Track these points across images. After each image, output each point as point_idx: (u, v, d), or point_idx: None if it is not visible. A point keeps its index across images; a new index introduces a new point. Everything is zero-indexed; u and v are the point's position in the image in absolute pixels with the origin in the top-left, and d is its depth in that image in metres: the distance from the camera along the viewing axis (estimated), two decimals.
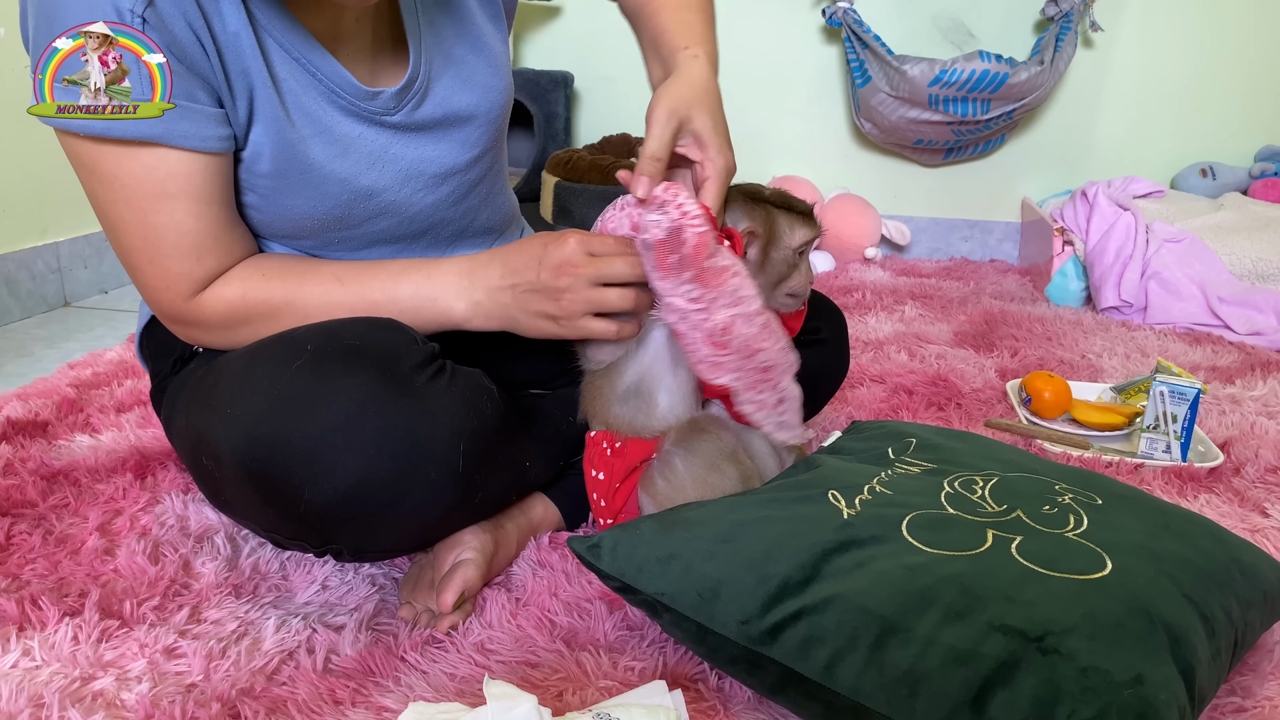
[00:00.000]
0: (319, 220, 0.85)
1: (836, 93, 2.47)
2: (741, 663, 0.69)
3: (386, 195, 0.87)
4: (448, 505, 0.79)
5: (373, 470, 0.73)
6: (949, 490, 0.81)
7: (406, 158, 0.88)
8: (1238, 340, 1.77)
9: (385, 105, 0.85)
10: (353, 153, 0.84)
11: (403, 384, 0.75)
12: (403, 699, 0.72)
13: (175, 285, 0.81)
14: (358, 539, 0.80)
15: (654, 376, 0.89)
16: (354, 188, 0.85)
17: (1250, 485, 1.13)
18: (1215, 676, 0.66)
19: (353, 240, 0.89)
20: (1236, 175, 2.29)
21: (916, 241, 2.55)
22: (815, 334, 1.03)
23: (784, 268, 0.88)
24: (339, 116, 0.84)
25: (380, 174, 0.86)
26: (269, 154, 0.80)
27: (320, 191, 0.84)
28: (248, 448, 0.73)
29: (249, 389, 0.75)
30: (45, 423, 1.23)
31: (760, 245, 0.87)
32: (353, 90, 0.83)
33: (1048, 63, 2.17)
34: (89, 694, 0.71)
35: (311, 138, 0.82)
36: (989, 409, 1.38)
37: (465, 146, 0.92)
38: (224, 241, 0.82)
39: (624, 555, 0.76)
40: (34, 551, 0.91)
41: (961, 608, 0.65)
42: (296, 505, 0.73)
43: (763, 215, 0.87)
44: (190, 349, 0.93)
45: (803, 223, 0.89)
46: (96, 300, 1.97)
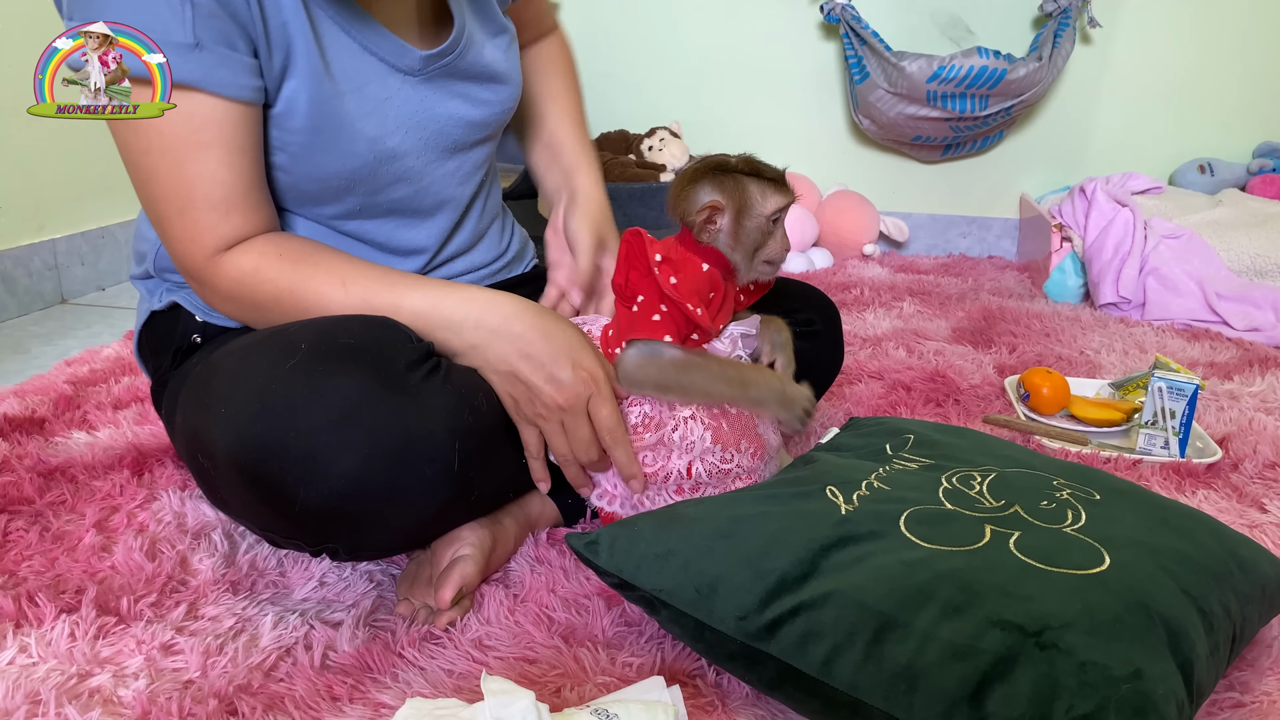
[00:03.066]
0: (345, 179, 0.87)
1: (834, 89, 2.47)
2: (739, 659, 0.69)
3: (408, 160, 0.90)
4: (443, 503, 0.79)
5: (368, 469, 0.73)
6: (947, 486, 0.81)
7: (435, 117, 0.91)
8: (1236, 336, 1.76)
9: (425, 62, 0.89)
10: (383, 112, 0.87)
11: (397, 382, 0.75)
12: (400, 695, 0.72)
13: (201, 239, 0.81)
14: (354, 538, 0.80)
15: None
16: (380, 148, 0.87)
17: (1248, 481, 1.13)
18: (1214, 671, 0.66)
19: (373, 208, 0.91)
20: (1235, 171, 2.29)
21: (915, 238, 2.55)
22: (808, 326, 1.04)
23: (759, 236, 0.88)
24: (374, 74, 0.86)
25: (406, 137, 0.89)
26: (304, 108, 0.82)
27: (349, 149, 0.85)
28: (242, 448, 0.72)
29: (243, 388, 0.74)
30: (42, 419, 1.23)
31: (732, 216, 0.87)
32: (393, 47, 0.86)
33: (1046, 59, 2.17)
34: (86, 691, 0.71)
35: (347, 93, 0.84)
36: (987, 405, 1.38)
37: (489, 107, 0.96)
38: (252, 200, 0.82)
39: (622, 552, 0.76)
40: (31, 548, 0.91)
41: (959, 603, 0.65)
42: (292, 505, 0.73)
43: (732, 185, 0.87)
44: (189, 340, 0.93)
45: (774, 189, 0.88)
46: (94, 297, 1.96)
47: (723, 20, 2.46)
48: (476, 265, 1.04)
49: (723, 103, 2.50)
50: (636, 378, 0.85)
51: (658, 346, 0.85)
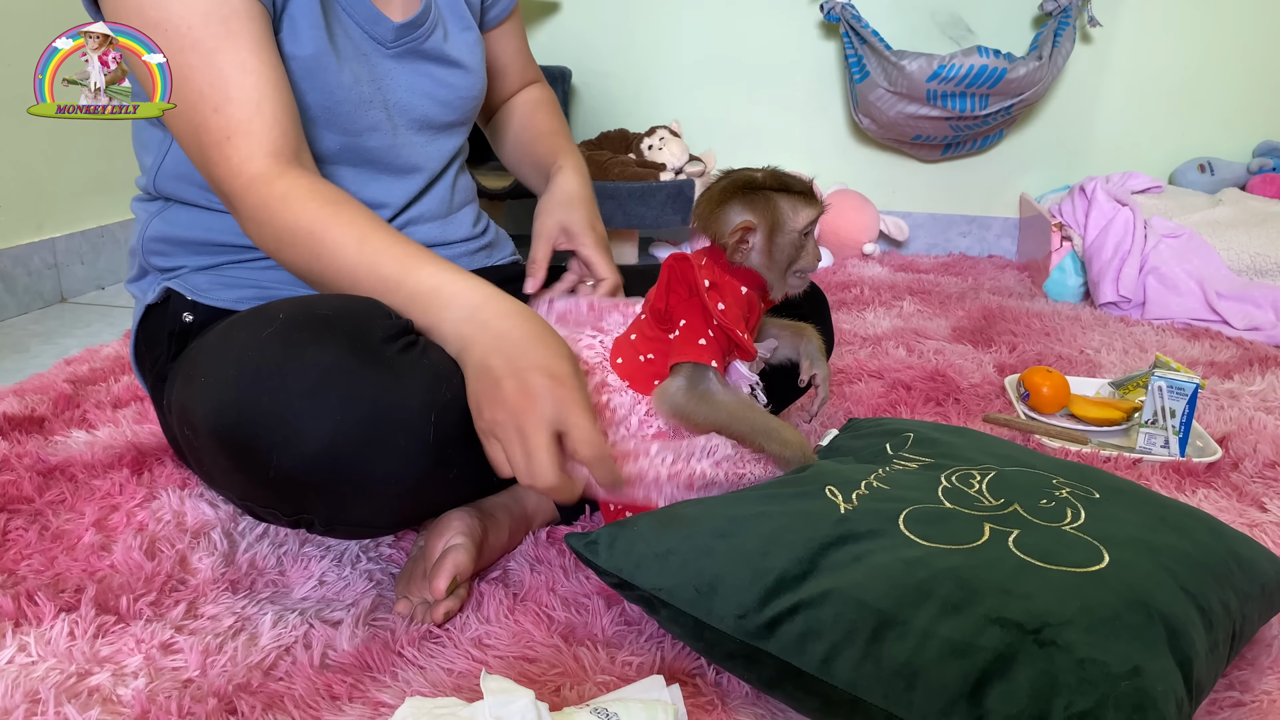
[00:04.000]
0: (325, 111, 0.91)
1: (834, 88, 2.47)
2: (739, 658, 0.69)
3: (376, 112, 0.95)
4: (418, 475, 0.78)
5: (340, 436, 0.73)
6: (946, 485, 0.81)
7: (400, 87, 0.96)
8: (1236, 335, 1.76)
9: (398, 33, 0.94)
10: (356, 68, 0.92)
11: (373, 353, 0.75)
12: (400, 694, 0.72)
13: (236, 138, 0.82)
14: (329, 509, 0.79)
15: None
16: (355, 94, 0.92)
17: (1248, 480, 1.13)
18: (1213, 669, 0.66)
19: (352, 154, 0.95)
20: (1235, 170, 2.29)
21: (915, 237, 2.55)
22: (796, 309, 1.05)
23: (792, 251, 0.88)
24: (351, 38, 0.92)
25: (375, 92, 0.94)
26: (306, 37, 0.87)
27: (335, 81, 0.90)
28: (219, 415, 0.73)
29: (222, 358, 0.76)
30: (41, 418, 1.23)
31: (764, 234, 0.87)
32: (370, 15, 0.92)
33: (1046, 58, 2.17)
34: (85, 690, 0.71)
35: (327, 46, 0.89)
36: (987, 404, 1.38)
37: (453, 90, 1.01)
38: (282, 98, 0.84)
39: (621, 551, 0.76)
40: (30, 547, 0.91)
41: (958, 600, 0.65)
42: (265, 471, 0.74)
43: (762, 204, 0.87)
44: (180, 320, 0.94)
45: (804, 203, 0.88)
46: (93, 296, 1.96)
47: (723, 19, 2.45)
48: (450, 239, 1.04)
49: (723, 102, 2.50)
50: (685, 410, 0.85)
51: (709, 382, 0.85)
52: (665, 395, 0.86)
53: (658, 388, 0.87)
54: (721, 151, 2.46)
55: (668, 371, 0.86)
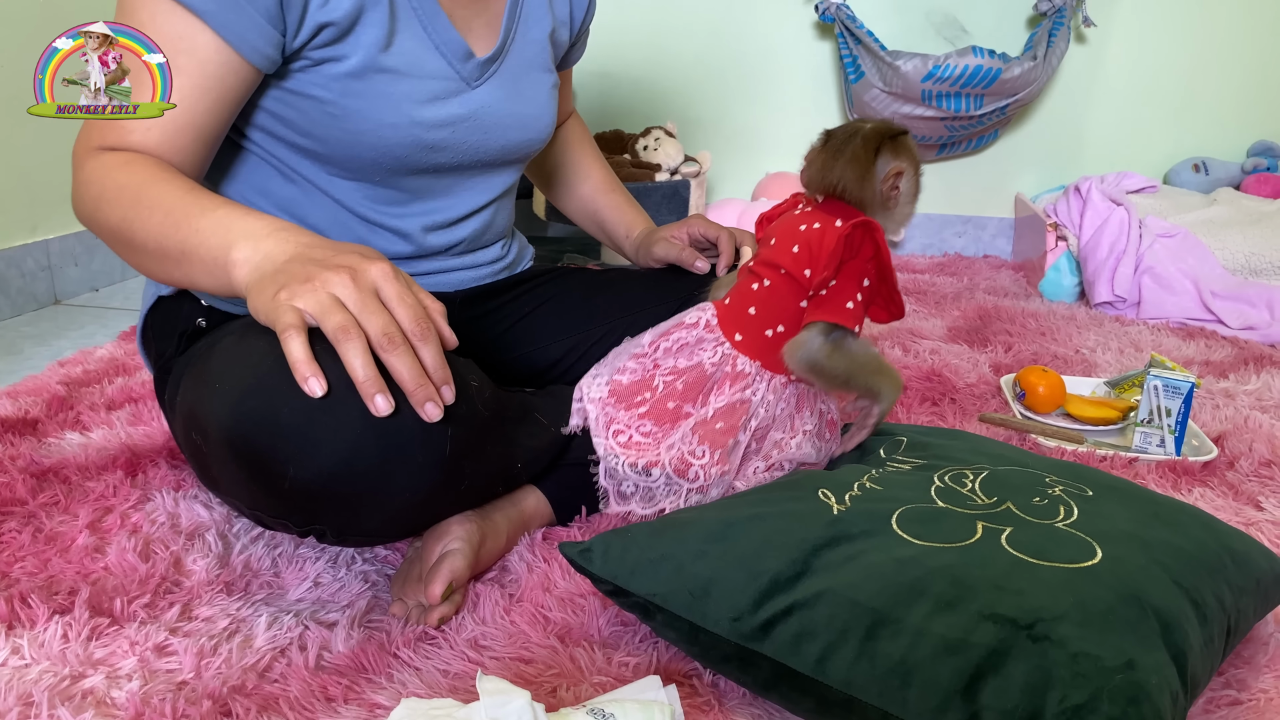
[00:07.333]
0: (380, 152, 0.90)
1: (830, 88, 2.47)
2: (734, 660, 0.69)
3: (444, 154, 0.95)
4: (432, 489, 0.78)
5: (358, 450, 0.72)
6: (939, 484, 0.81)
7: (479, 127, 0.97)
8: (1231, 335, 1.77)
9: (481, 69, 0.95)
10: (435, 108, 0.92)
11: None
12: (395, 695, 0.72)
13: (110, 133, 0.81)
14: (341, 520, 0.79)
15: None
16: (421, 137, 0.92)
17: (1244, 479, 1.13)
18: (1208, 663, 0.66)
19: (393, 188, 0.95)
20: (1229, 170, 2.30)
21: (910, 237, 2.55)
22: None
23: (919, 189, 0.94)
24: (438, 71, 0.92)
25: (449, 134, 0.94)
26: (353, 65, 0.86)
27: (390, 122, 0.89)
28: (234, 423, 0.72)
29: (239, 364, 0.74)
30: (35, 420, 1.22)
31: (911, 176, 0.91)
32: (459, 50, 0.93)
33: (1041, 58, 2.17)
34: (79, 692, 0.71)
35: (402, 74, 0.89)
36: (983, 404, 1.38)
37: (526, 132, 1.02)
38: (181, 139, 0.82)
39: (615, 558, 0.76)
40: (23, 549, 0.90)
41: (951, 598, 0.65)
42: (281, 482, 0.73)
43: (904, 147, 0.91)
44: (193, 323, 0.94)
45: (914, 139, 0.95)
46: (87, 298, 1.96)
47: (718, 20, 2.46)
48: (474, 264, 1.06)
49: (718, 102, 2.50)
50: (822, 364, 0.88)
51: (847, 337, 0.88)
52: (801, 348, 0.88)
53: (789, 342, 0.89)
54: (717, 152, 2.46)
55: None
